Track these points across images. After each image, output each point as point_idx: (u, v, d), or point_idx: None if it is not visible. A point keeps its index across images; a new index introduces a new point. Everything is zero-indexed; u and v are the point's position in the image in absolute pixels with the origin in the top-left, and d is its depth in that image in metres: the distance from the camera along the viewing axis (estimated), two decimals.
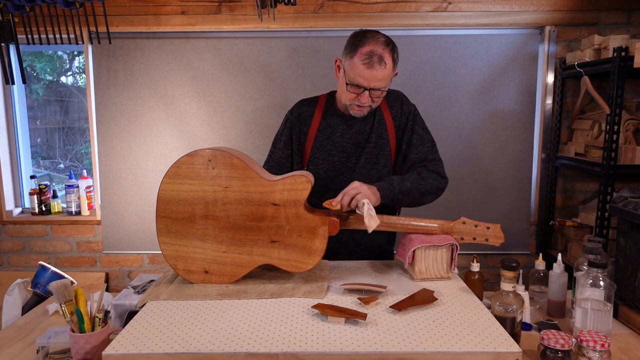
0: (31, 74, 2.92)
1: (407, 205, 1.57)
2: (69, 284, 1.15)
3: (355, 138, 1.59)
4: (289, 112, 1.66)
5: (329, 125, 1.61)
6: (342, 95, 1.53)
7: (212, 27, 2.58)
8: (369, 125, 1.59)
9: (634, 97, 2.55)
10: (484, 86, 2.60)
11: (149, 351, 0.98)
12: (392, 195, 1.45)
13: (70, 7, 2.05)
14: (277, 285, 1.32)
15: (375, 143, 1.59)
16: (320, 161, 1.60)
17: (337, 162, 1.60)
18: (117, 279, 2.86)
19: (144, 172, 2.71)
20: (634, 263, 1.37)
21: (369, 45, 1.42)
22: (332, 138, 1.60)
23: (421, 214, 1.55)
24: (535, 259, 1.53)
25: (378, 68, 1.41)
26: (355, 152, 1.60)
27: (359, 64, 1.41)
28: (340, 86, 1.53)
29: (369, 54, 1.41)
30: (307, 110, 1.63)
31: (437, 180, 1.55)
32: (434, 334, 1.04)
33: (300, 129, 1.62)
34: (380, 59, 1.41)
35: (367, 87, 1.44)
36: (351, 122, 1.60)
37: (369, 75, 1.41)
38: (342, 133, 1.60)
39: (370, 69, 1.41)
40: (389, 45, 1.44)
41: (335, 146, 1.60)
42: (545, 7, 2.54)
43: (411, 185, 1.49)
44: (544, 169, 2.67)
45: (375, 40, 1.43)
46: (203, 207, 1.31)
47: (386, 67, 1.42)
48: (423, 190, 1.52)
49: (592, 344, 1.06)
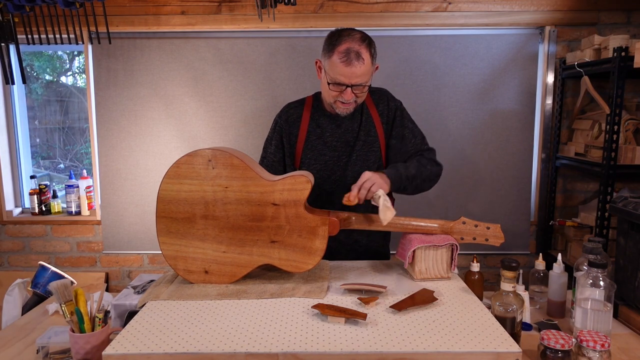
0: (31, 73, 2.92)
1: (410, 193, 1.58)
2: (69, 284, 1.15)
3: (344, 137, 1.61)
4: (277, 116, 1.68)
5: (318, 126, 1.62)
6: (325, 94, 1.56)
7: (212, 27, 2.58)
8: (357, 123, 1.62)
9: (634, 97, 2.55)
10: (484, 86, 2.60)
11: (149, 351, 0.98)
12: (399, 182, 1.47)
13: (70, 7, 2.05)
14: (277, 285, 1.33)
15: (364, 140, 1.61)
16: (312, 161, 1.61)
17: (329, 162, 1.61)
18: (117, 279, 2.86)
19: (144, 172, 2.71)
20: (634, 263, 1.37)
21: (345, 43, 1.44)
22: (322, 138, 1.62)
23: (421, 213, 1.55)
24: (535, 259, 1.53)
25: (356, 64, 1.43)
26: (345, 151, 1.61)
27: (338, 62, 1.44)
28: (323, 86, 1.55)
29: (346, 51, 1.43)
30: (296, 113, 1.65)
31: (435, 167, 1.60)
32: (434, 334, 1.04)
33: (290, 132, 1.63)
34: (357, 55, 1.43)
35: (349, 84, 1.46)
36: (339, 122, 1.62)
37: (349, 72, 1.44)
38: (332, 132, 1.62)
39: (349, 66, 1.43)
40: (364, 40, 1.47)
41: (326, 146, 1.61)
42: (545, 7, 2.54)
43: (415, 172, 1.52)
44: (544, 169, 2.67)
45: (351, 38, 1.45)
46: (203, 207, 1.31)
47: (364, 62, 1.44)
48: (424, 177, 1.55)
49: (592, 344, 1.06)
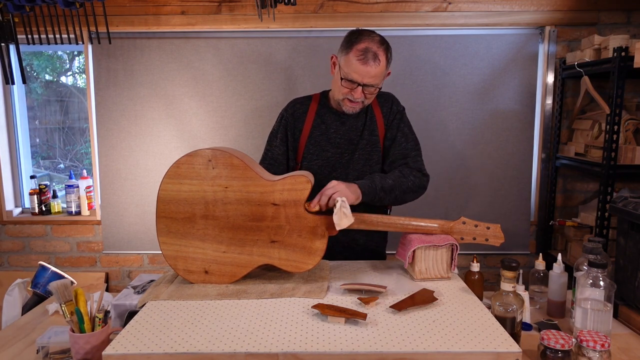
0: (31, 73, 2.92)
1: (390, 204, 1.58)
2: (69, 284, 1.15)
3: (348, 134, 1.62)
4: (283, 110, 1.68)
5: (323, 122, 1.63)
6: (335, 90, 1.56)
7: (212, 27, 2.58)
8: (362, 122, 1.62)
9: (634, 97, 2.55)
10: (484, 86, 2.60)
11: (149, 351, 0.98)
12: (373, 193, 1.45)
13: (70, 7, 2.05)
14: (277, 285, 1.33)
15: (367, 140, 1.61)
16: (314, 157, 1.62)
17: (331, 158, 1.62)
18: (117, 279, 2.86)
19: (144, 172, 2.71)
20: (634, 263, 1.37)
21: (365, 42, 1.46)
22: (326, 134, 1.62)
23: (421, 213, 1.55)
24: (535, 259, 1.53)
25: (372, 64, 1.45)
26: (348, 149, 1.62)
27: (354, 59, 1.46)
28: (335, 82, 1.56)
29: (364, 50, 1.45)
30: (302, 108, 1.66)
31: (419, 177, 1.57)
32: (434, 334, 1.04)
33: (295, 126, 1.64)
34: (374, 56, 1.45)
35: (361, 82, 1.47)
36: (344, 119, 1.63)
37: (363, 71, 1.45)
38: (336, 129, 1.62)
39: (364, 64, 1.45)
40: (383, 44, 1.49)
41: (329, 142, 1.62)
42: (545, 7, 2.54)
43: (393, 183, 1.50)
44: (544, 169, 2.67)
45: (371, 39, 1.48)
46: (203, 207, 1.31)
47: (380, 64, 1.46)
48: (405, 188, 1.53)
49: (592, 344, 1.06)
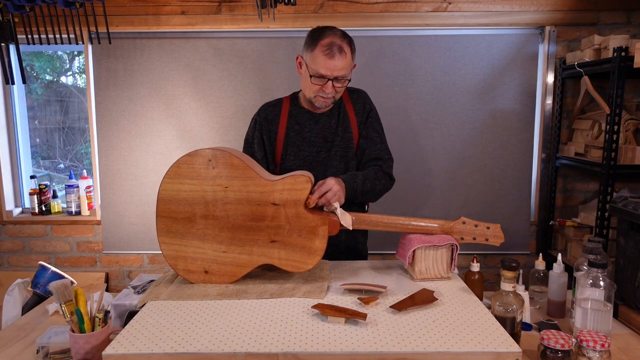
0: (31, 73, 2.92)
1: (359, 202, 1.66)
2: (69, 284, 1.15)
3: (323, 132, 1.65)
4: (255, 115, 1.72)
5: (297, 123, 1.66)
6: (306, 89, 1.59)
7: (212, 27, 2.58)
8: (335, 120, 1.66)
9: (634, 97, 2.54)
10: (484, 86, 2.60)
11: (149, 351, 0.98)
12: (353, 195, 1.52)
13: (70, 7, 2.05)
14: (277, 285, 1.33)
15: (342, 136, 1.65)
16: (292, 157, 1.64)
17: (308, 157, 1.64)
18: (117, 279, 2.86)
19: (144, 172, 2.71)
20: (634, 263, 1.37)
21: (328, 37, 1.51)
22: (301, 134, 1.65)
23: (421, 213, 1.55)
24: (535, 259, 1.53)
25: (338, 57, 1.49)
26: (324, 146, 1.65)
27: (321, 55, 1.49)
28: (304, 80, 1.58)
29: (329, 45, 1.49)
30: (274, 111, 1.69)
31: (387, 182, 1.67)
32: (434, 334, 1.04)
33: (269, 129, 1.67)
34: (340, 49, 1.50)
35: (330, 76, 1.51)
36: (317, 118, 1.66)
37: (331, 64, 1.49)
38: (310, 128, 1.65)
39: (331, 58, 1.49)
40: (346, 37, 1.55)
41: (305, 142, 1.65)
42: (545, 7, 2.54)
43: (370, 187, 1.58)
44: (544, 169, 2.67)
45: (333, 33, 1.53)
46: (203, 207, 1.31)
47: (346, 56, 1.51)
48: (377, 191, 1.63)
49: (592, 344, 1.06)
